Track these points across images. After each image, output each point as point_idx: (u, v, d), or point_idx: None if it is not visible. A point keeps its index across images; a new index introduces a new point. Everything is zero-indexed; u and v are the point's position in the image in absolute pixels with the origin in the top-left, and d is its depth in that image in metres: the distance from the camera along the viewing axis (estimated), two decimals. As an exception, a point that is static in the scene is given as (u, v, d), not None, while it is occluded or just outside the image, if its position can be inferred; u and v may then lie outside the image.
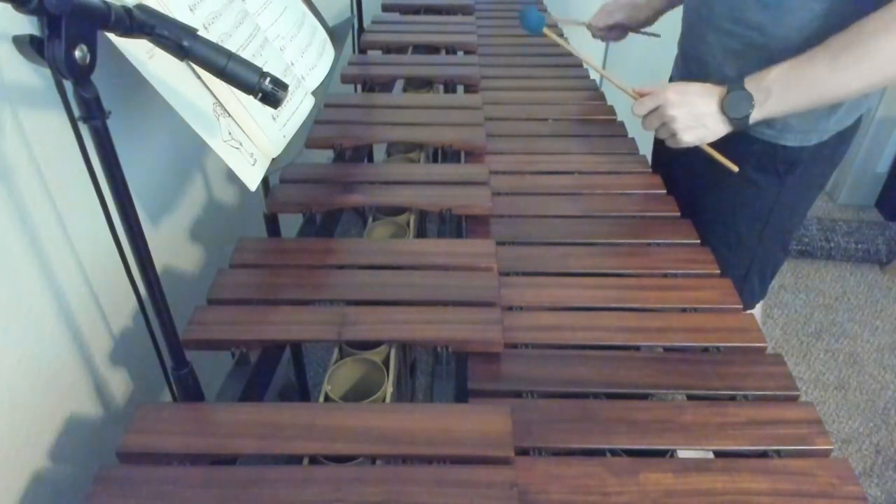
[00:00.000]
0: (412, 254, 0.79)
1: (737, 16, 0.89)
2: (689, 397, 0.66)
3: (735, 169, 0.90)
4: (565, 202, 0.95)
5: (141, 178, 0.80)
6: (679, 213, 0.92)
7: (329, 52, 0.97)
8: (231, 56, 0.53)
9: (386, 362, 0.67)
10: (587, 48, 1.33)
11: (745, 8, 0.88)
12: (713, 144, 0.89)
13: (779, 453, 0.59)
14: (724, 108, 0.83)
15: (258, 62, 0.68)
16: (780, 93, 0.80)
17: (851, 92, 0.79)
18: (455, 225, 0.91)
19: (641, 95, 0.89)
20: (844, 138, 0.95)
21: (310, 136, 0.97)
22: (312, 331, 0.68)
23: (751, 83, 0.82)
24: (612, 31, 1.25)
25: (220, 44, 0.56)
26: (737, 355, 0.69)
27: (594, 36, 1.27)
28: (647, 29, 1.25)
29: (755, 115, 0.82)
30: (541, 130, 1.14)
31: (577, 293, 0.77)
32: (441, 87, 1.32)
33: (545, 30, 1.03)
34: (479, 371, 0.66)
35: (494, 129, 1.11)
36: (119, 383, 0.77)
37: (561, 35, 1.27)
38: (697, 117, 0.85)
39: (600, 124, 1.16)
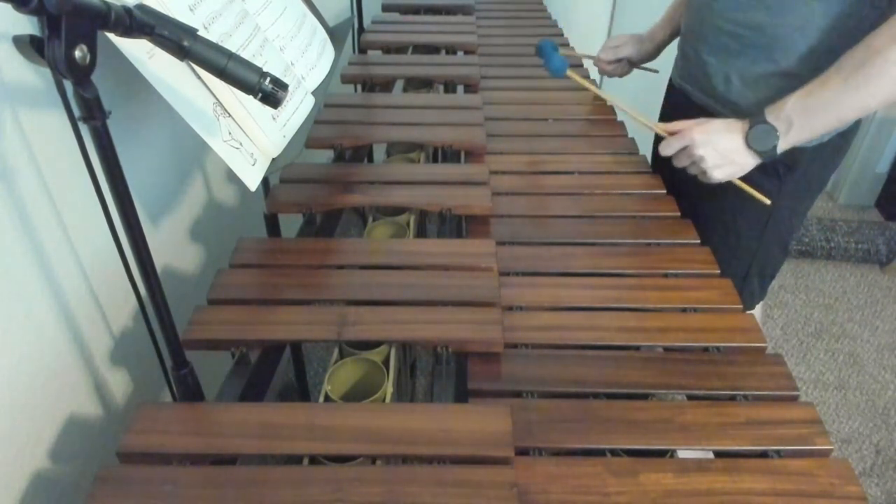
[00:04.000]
0: (412, 254, 0.79)
1: (737, 16, 0.89)
2: (689, 397, 0.66)
3: (767, 202, 0.89)
4: (565, 202, 0.95)
5: (141, 178, 0.80)
6: (679, 213, 0.92)
7: (329, 52, 0.97)
8: (231, 56, 0.53)
9: (386, 362, 0.67)
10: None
11: (746, 8, 0.88)
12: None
13: (779, 453, 0.59)
14: (749, 143, 0.83)
15: (258, 62, 0.68)
16: (800, 121, 0.80)
17: (869, 109, 0.79)
18: (455, 225, 0.91)
19: (670, 133, 0.89)
20: (844, 139, 0.95)
21: (310, 136, 0.97)
22: (312, 331, 0.67)
23: (771, 114, 0.82)
24: (619, 66, 1.26)
25: (220, 44, 0.56)
26: (737, 355, 0.69)
27: (600, 71, 1.29)
28: (647, 64, 1.26)
29: (781, 146, 0.82)
30: (541, 130, 1.14)
31: (577, 293, 0.77)
32: (441, 87, 1.32)
33: (569, 72, 1.04)
34: (479, 371, 0.66)
35: (494, 129, 1.11)
36: (119, 383, 0.77)
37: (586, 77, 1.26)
38: (724, 155, 0.85)
39: (600, 124, 1.16)
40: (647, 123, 0.94)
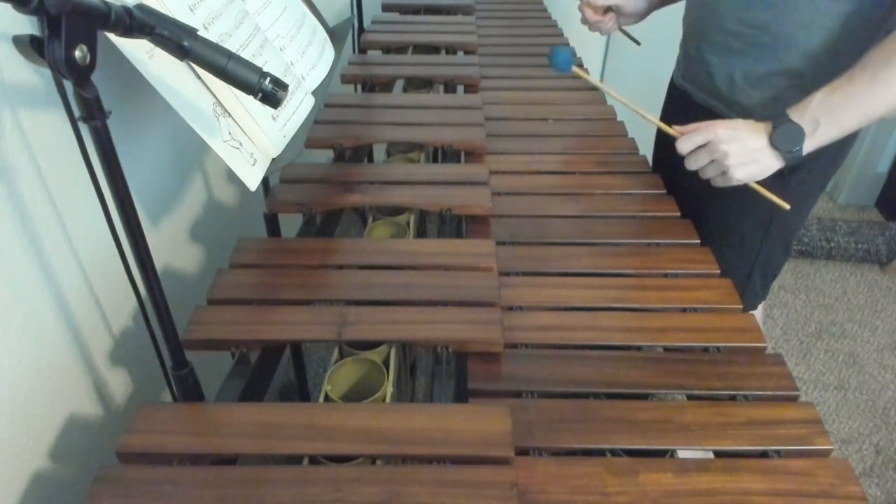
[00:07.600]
0: (412, 254, 0.79)
1: (741, 15, 0.89)
2: (689, 397, 0.66)
3: (787, 207, 0.86)
4: (565, 202, 0.95)
5: (141, 178, 0.80)
6: (679, 213, 0.92)
7: (329, 52, 0.97)
8: (231, 56, 0.53)
9: (386, 362, 0.67)
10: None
11: (749, 7, 0.87)
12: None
13: (779, 453, 0.59)
14: (774, 143, 0.80)
15: (258, 62, 0.68)
16: (828, 119, 0.77)
17: None
18: (455, 225, 0.91)
19: (683, 134, 0.85)
20: (846, 139, 0.95)
21: (310, 136, 0.97)
22: (312, 331, 0.67)
23: (795, 114, 0.79)
24: (606, 15, 1.17)
25: (220, 44, 0.56)
26: (737, 355, 0.69)
27: (584, 20, 1.20)
28: (632, 31, 1.20)
29: (808, 146, 0.79)
30: (541, 130, 1.14)
31: (577, 293, 0.77)
32: (441, 87, 1.32)
33: (574, 69, 1.00)
34: (479, 371, 0.66)
35: (494, 129, 1.11)
36: (119, 383, 0.77)
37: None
38: (750, 153, 0.81)
39: (600, 124, 1.16)
40: (660, 124, 0.90)
